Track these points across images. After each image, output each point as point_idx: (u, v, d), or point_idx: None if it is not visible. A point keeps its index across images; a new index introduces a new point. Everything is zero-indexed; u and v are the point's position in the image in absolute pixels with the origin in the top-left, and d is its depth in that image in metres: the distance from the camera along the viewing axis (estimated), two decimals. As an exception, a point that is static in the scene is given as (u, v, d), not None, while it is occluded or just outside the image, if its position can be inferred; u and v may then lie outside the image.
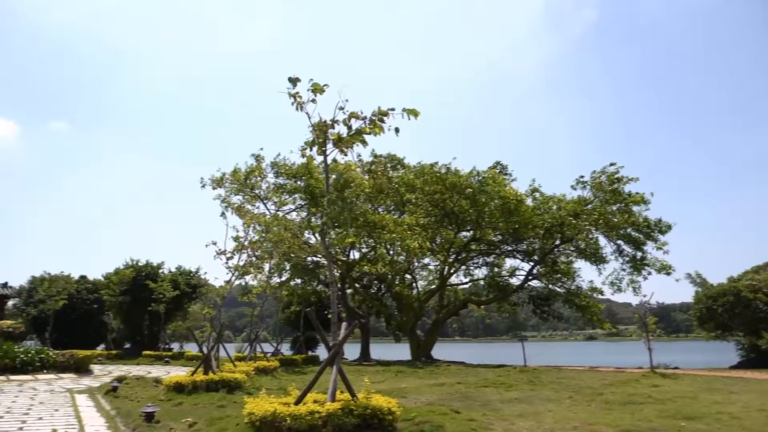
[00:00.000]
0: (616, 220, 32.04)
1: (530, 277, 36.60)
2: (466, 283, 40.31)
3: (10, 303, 49.43)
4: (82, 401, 13.92)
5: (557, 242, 34.36)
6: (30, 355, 22.80)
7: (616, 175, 32.59)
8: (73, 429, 9.85)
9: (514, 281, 37.64)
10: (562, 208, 32.98)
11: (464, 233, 36.62)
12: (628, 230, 32.72)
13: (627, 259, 33.37)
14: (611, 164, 32.87)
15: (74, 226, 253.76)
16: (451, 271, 37.30)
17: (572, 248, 35.05)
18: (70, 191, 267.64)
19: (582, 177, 33.83)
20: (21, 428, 9.87)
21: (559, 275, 35.83)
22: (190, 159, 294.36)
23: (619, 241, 33.43)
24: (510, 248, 36.98)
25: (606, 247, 34.12)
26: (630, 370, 23.69)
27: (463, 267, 38.95)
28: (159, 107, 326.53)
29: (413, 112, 9.01)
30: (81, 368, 23.46)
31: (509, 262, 39.13)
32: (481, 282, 39.20)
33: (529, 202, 34.45)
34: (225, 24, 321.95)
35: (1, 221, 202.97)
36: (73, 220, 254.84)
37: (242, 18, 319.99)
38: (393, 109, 9.06)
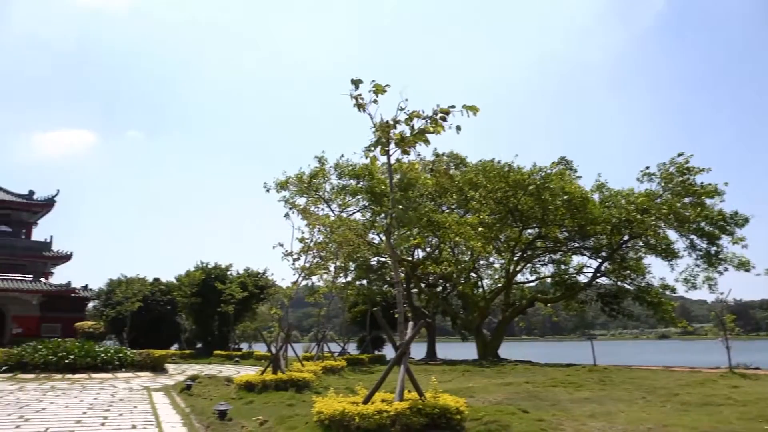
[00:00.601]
0: (687, 214, 30.66)
1: (598, 274, 35.73)
2: (532, 281, 39.72)
3: (90, 305, 51.76)
4: (159, 399, 14.43)
5: (626, 238, 33.40)
6: (110, 354, 23.76)
7: (686, 166, 31.05)
8: (151, 425, 10.22)
9: (582, 278, 36.90)
10: (631, 203, 31.93)
11: (529, 231, 36.07)
12: (701, 224, 31.26)
13: (701, 254, 31.83)
14: (679, 154, 31.42)
15: (148, 230, 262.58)
16: (517, 269, 36.81)
17: (641, 244, 34.02)
18: (143, 197, 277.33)
19: (648, 168, 32.52)
20: (103, 424, 10.32)
21: (628, 272, 34.83)
22: (256, 162, 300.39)
23: (691, 236, 31.99)
24: (577, 245, 36.22)
25: (678, 241, 32.87)
26: (706, 370, 22.78)
27: (529, 265, 38.35)
28: (224, 114, 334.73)
29: (473, 109, 8.94)
30: (157, 367, 24.31)
31: (576, 259, 38.28)
32: (548, 280, 38.58)
33: (595, 197, 33.62)
34: (286, 29, 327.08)
35: (81, 227, 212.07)
36: (146, 225, 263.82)
37: (302, 22, 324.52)
38: (453, 107, 9.00)
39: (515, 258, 35.99)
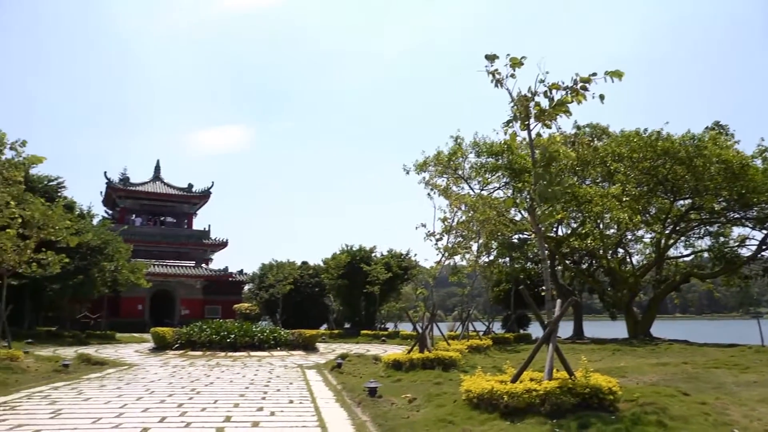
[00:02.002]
0: None
1: (764, 247, 32.89)
2: (686, 255, 37.28)
3: (246, 288, 55.28)
4: (312, 376, 15.15)
5: (796, 206, 30.41)
6: (265, 334, 25.19)
7: None
8: (306, 400, 10.76)
9: (744, 252, 34.10)
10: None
11: (681, 202, 33.89)
12: None
13: None
14: None
15: (295, 216, 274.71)
16: (669, 243, 34.70)
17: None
18: (290, 185, 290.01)
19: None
20: (263, 398, 11.00)
21: (799, 242, 31.75)
22: (395, 144, 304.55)
23: None
24: (737, 215, 33.43)
25: None
26: None
27: (683, 238, 36.06)
28: (364, 102, 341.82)
29: (616, 74, 8.51)
30: (308, 346, 25.48)
31: (737, 231, 35.41)
32: (705, 254, 36.08)
33: (757, 163, 30.84)
34: (415, 9, 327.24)
35: (235, 215, 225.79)
36: (293, 211, 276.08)
37: (435, 3, 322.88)
38: (595, 74, 8.61)
39: (667, 231, 33.95)
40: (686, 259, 37.77)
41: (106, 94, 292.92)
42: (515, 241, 35.81)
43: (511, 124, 9.36)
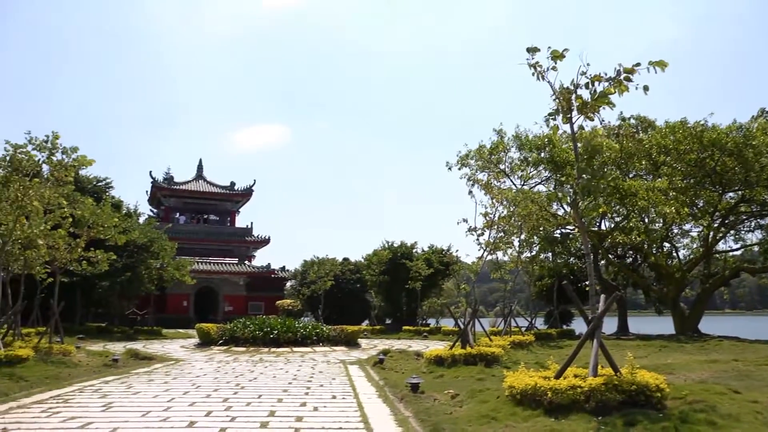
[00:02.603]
0: None
1: (819, 240, 31.75)
2: (736, 249, 36.25)
3: (288, 284, 55.88)
4: (354, 371, 15.23)
5: None
6: (307, 330, 25.41)
7: None
8: (349, 395, 10.83)
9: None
10: None
11: (730, 194, 32.99)
12: None
13: None
14: None
15: (334, 213, 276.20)
16: (717, 236, 33.80)
17: None
18: (329, 182, 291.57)
19: None
20: (306, 393, 11.11)
21: None
22: (435, 140, 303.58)
23: None
24: (791, 207, 32.40)
25: None
26: None
27: (732, 231, 35.09)
28: (400, 98, 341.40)
29: (660, 64, 8.32)
30: (350, 342, 25.60)
31: (790, 224, 34.24)
32: (755, 248, 35.03)
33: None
34: (456, 4, 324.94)
35: (276, 212, 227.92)
36: (333, 208, 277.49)
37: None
38: (639, 65, 8.44)
39: (715, 225, 33.07)
40: (736, 253, 36.75)
41: (148, 96, 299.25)
42: (557, 235, 35.38)
43: (553, 117, 9.24)
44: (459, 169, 33.57)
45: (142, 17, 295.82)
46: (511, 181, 34.81)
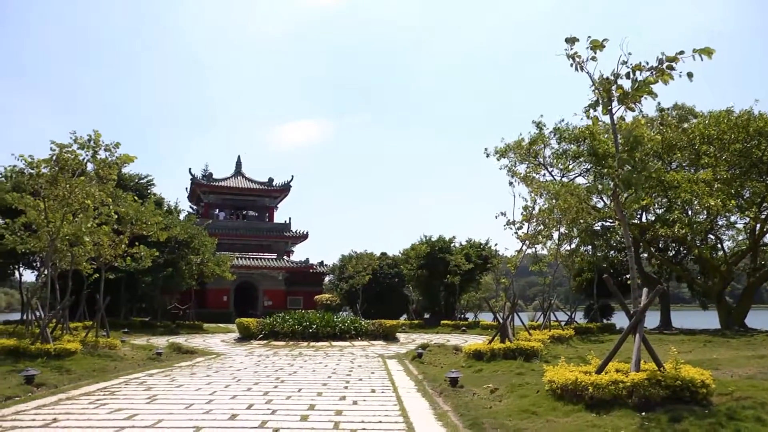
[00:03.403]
0: None
1: None
2: (785, 241, 35.28)
3: (327, 279, 56.25)
4: (393, 365, 15.27)
5: None
6: (346, 324, 25.56)
7: None
8: (388, 389, 10.86)
9: None
10: None
11: (779, 184, 32.08)
12: None
13: None
14: None
15: (373, 208, 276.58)
16: (765, 228, 32.92)
17: None
18: (368, 177, 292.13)
19: None
20: (346, 387, 11.17)
21: None
22: (473, 133, 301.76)
23: None
24: (844, 198, 31.32)
25: None
26: None
27: (780, 223, 34.14)
28: (440, 92, 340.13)
29: (706, 52, 8.07)
30: (389, 336, 25.67)
31: None
32: (805, 239, 34.01)
33: None
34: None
35: (315, 208, 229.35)
36: (371, 202, 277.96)
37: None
38: (682, 53, 8.20)
39: (762, 216, 32.17)
40: (785, 244, 35.74)
41: (187, 96, 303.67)
42: (598, 228, 34.85)
43: (593, 109, 9.07)
44: (498, 159, 33.39)
45: (184, 16, 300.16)
46: (551, 173, 34.42)
